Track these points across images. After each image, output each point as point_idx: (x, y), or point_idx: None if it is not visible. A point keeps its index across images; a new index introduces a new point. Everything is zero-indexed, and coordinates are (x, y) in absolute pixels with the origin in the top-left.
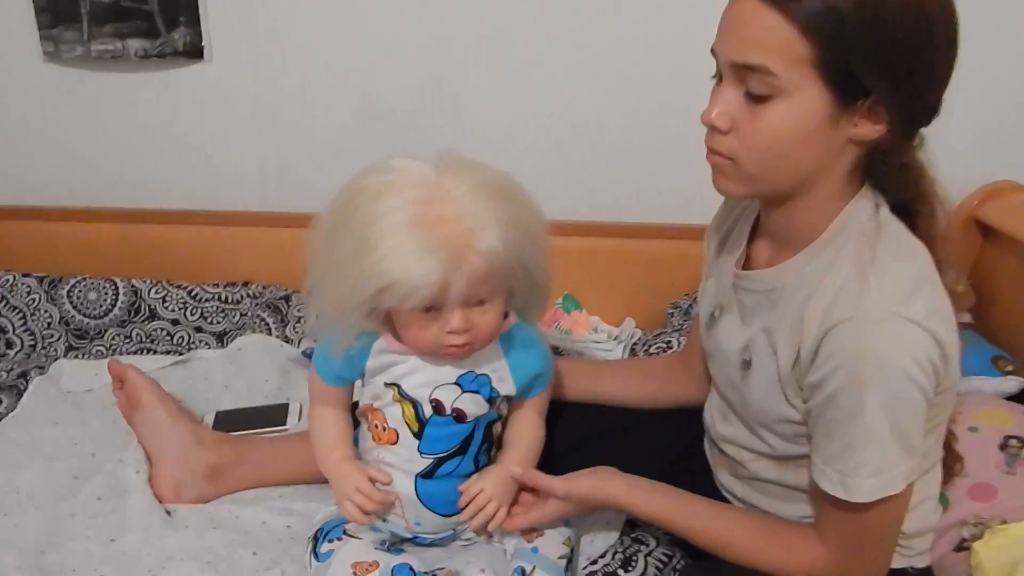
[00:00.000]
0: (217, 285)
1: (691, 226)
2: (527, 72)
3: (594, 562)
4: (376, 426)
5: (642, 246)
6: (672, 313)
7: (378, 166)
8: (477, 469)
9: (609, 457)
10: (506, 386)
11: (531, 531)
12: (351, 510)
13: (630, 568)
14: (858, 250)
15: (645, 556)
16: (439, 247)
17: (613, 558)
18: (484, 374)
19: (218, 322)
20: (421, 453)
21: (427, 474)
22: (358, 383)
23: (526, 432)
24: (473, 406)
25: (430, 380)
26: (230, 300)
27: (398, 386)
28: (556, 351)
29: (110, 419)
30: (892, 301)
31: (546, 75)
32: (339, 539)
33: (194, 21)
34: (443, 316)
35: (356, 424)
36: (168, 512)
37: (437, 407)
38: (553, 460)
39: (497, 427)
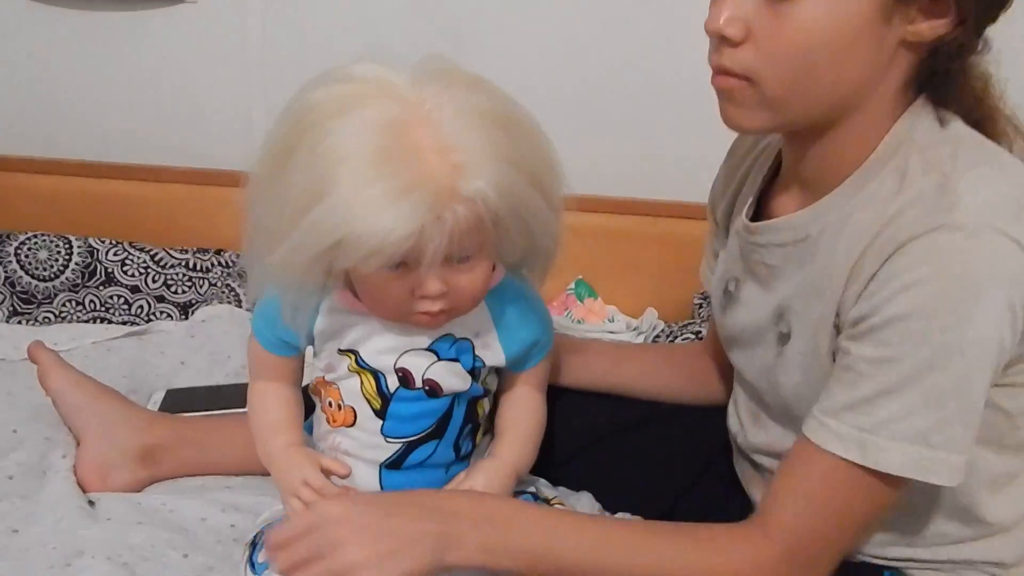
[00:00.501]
0: (185, 251)
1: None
2: (547, 15)
3: None
4: (330, 404)
5: (670, 227)
6: (700, 304)
7: (335, 73)
8: (458, 458)
9: (621, 463)
10: (493, 355)
11: None
12: (298, 509)
13: None
14: (930, 160)
15: None
16: (413, 189)
17: None
18: (465, 339)
19: (183, 291)
20: (386, 436)
21: (394, 463)
22: (309, 353)
23: (522, 414)
24: (450, 377)
25: (396, 345)
26: (199, 268)
27: (355, 353)
28: None
29: (44, 394)
30: (992, 213)
31: (568, 18)
32: None
33: None
34: (414, 276)
35: (312, 409)
36: (91, 502)
37: (404, 378)
38: (551, 463)
39: (484, 405)
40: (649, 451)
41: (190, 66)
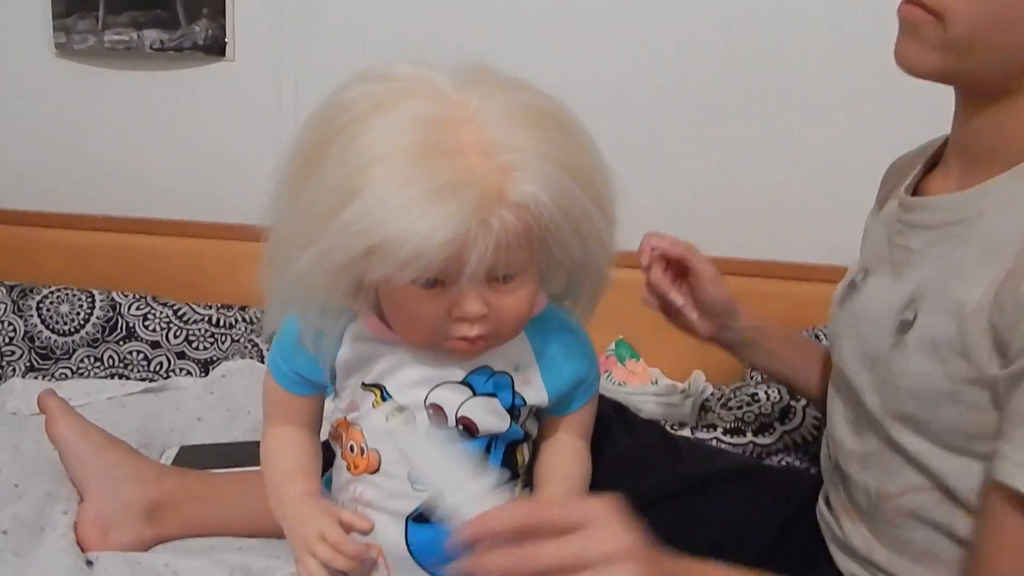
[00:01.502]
0: (209, 307)
1: (775, 263)
2: (572, 42)
3: None
4: (352, 449)
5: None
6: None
7: (371, 72)
8: None
9: (678, 531)
10: (535, 393)
11: None
12: (312, 568)
13: None
14: None
15: None
16: (456, 190)
17: None
18: (504, 373)
19: (205, 348)
20: (414, 484)
21: (423, 516)
22: (329, 401)
23: (565, 462)
24: (487, 416)
25: (427, 377)
26: (222, 323)
27: (382, 388)
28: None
29: (50, 449)
30: None
31: (598, 43)
32: None
33: (218, 14)
34: (451, 294)
35: (331, 463)
36: (89, 562)
37: (437, 414)
38: None
39: (523, 452)
40: (712, 516)
41: (223, 122)
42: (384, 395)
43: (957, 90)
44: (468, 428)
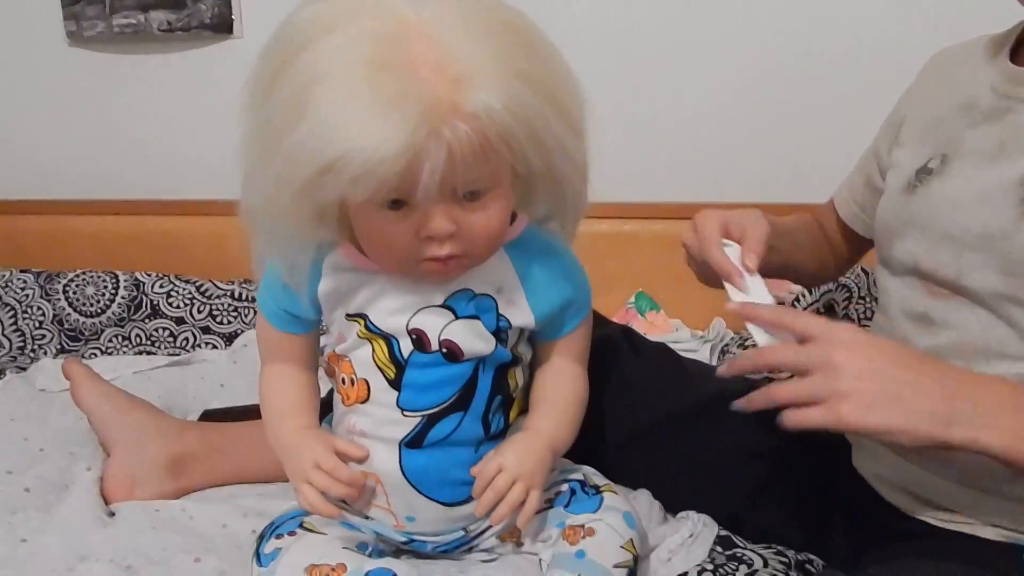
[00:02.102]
0: (231, 282)
1: (794, 205)
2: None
3: None
4: (343, 381)
5: None
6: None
7: None
8: (488, 436)
9: (685, 455)
10: (520, 315)
11: (577, 529)
12: (310, 496)
13: None
14: None
15: None
16: (406, 101)
17: None
18: (486, 295)
19: (229, 322)
20: (403, 410)
21: (414, 441)
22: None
23: (558, 384)
24: (471, 338)
25: (407, 303)
26: (245, 298)
27: (364, 317)
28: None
29: (77, 418)
30: None
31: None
32: (291, 534)
33: None
34: (419, 214)
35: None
36: (112, 513)
37: (419, 340)
38: (603, 453)
39: (516, 376)
40: (720, 438)
41: (236, 99)
42: (368, 324)
43: None
44: (452, 352)
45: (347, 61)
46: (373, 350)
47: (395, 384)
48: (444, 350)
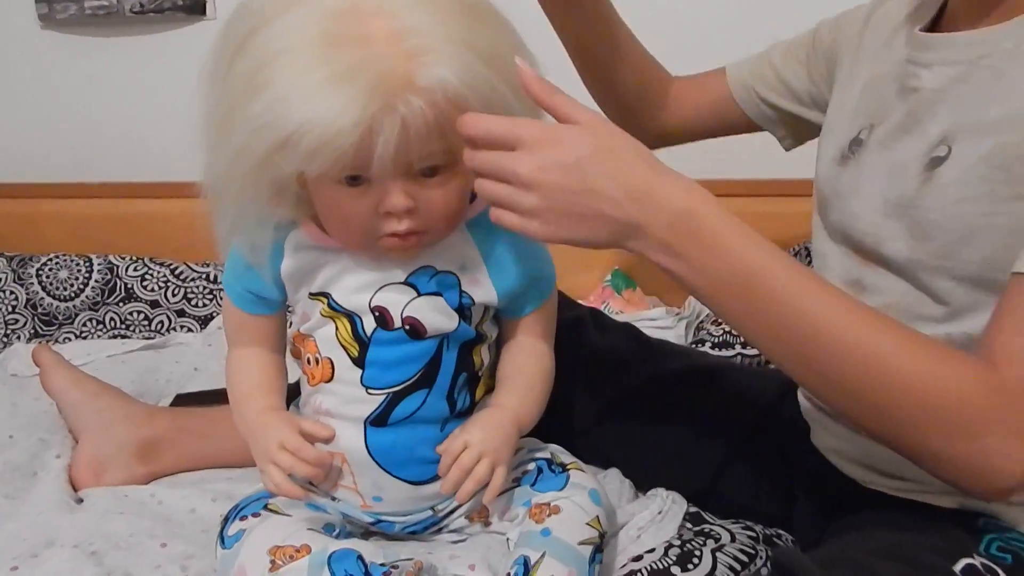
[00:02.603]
0: (207, 264)
1: (766, 180)
2: None
3: (638, 558)
4: (309, 360)
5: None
6: None
7: None
8: (453, 412)
9: (652, 431)
10: (483, 291)
11: (543, 507)
12: (276, 476)
13: (690, 566)
14: None
15: (713, 552)
16: (360, 74)
17: (666, 553)
18: (449, 272)
19: (204, 304)
20: (367, 388)
21: (379, 419)
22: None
23: (523, 361)
24: (433, 315)
25: (370, 281)
26: (219, 280)
27: (327, 295)
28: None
29: (48, 404)
30: None
31: None
32: (256, 516)
33: None
34: (377, 190)
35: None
36: (81, 500)
37: (382, 317)
38: (570, 433)
39: (481, 354)
40: (685, 414)
41: None
42: (331, 303)
43: None
44: (415, 328)
45: (303, 37)
46: (337, 328)
47: (359, 362)
48: (407, 327)
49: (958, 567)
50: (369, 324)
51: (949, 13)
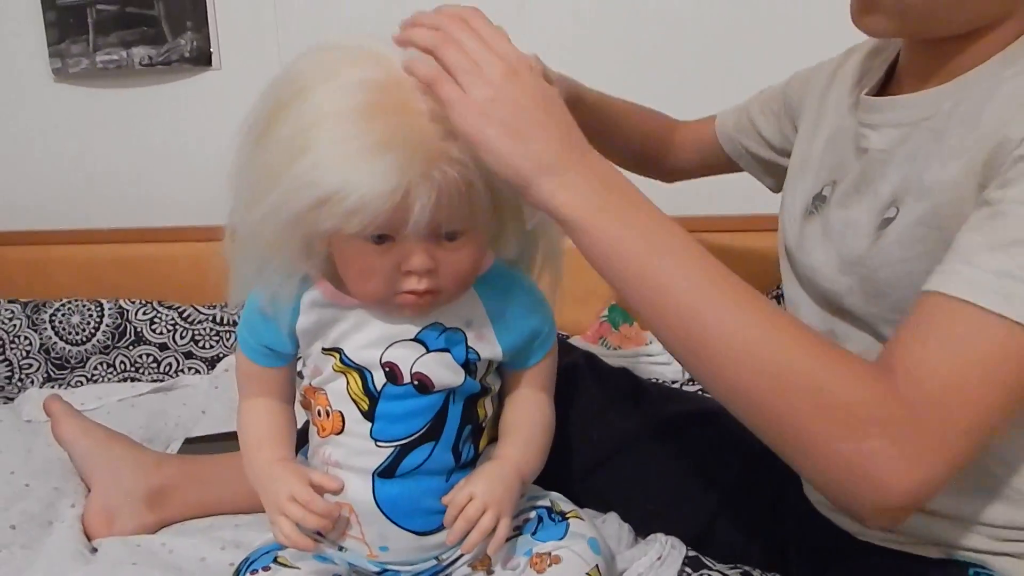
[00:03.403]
0: (213, 306)
1: (759, 216)
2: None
3: None
4: (319, 413)
5: (708, 241)
6: None
7: (322, 44)
8: (459, 464)
9: (650, 475)
10: (488, 347)
11: (544, 557)
12: (285, 528)
13: None
14: None
15: None
16: (399, 144)
17: None
18: (456, 329)
19: (211, 346)
20: (376, 440)
21: (387, 470)
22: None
23: (525, 414)
24: (441, 370)
25: (381, 337)
26: (226, 322)
27: (340, 351)
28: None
29: (61, 450)
30: None
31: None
32: (265, 569)
33: (202, 25)
34: (400, 249)
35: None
36: (94, 549)
37: (392, 372)
38: (569, 479)
39: (485, 406)
40: (681, 458)
41: (216, 128)
42: (343, 358)
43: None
44: (423, 383)
45: (347, 105)
46: (348, 383)
47: (368, 415)
48: (416, 382)
49: None
50: (379, 379)
51: (897, 76)
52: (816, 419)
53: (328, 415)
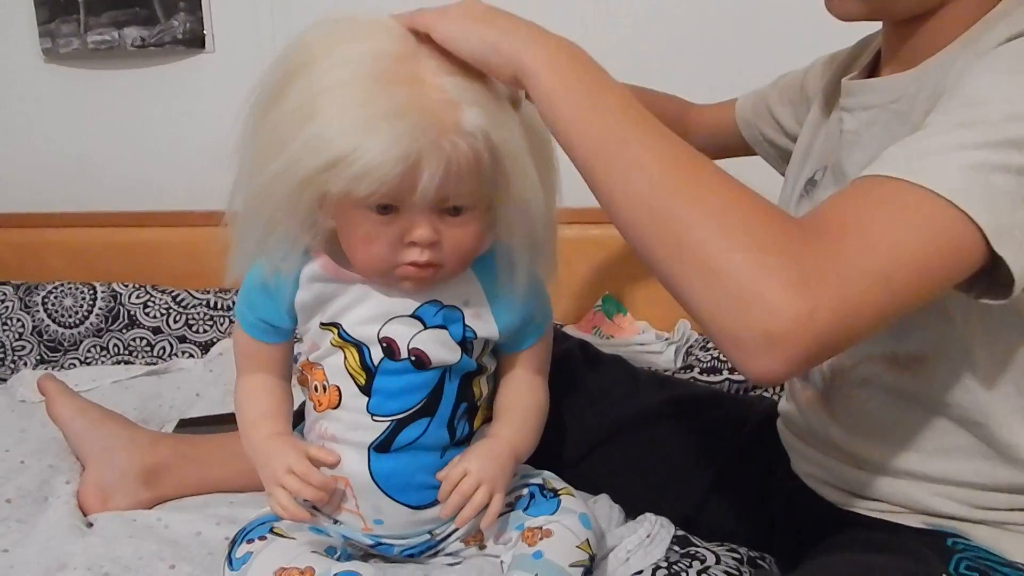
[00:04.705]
0: (207, 291)
1: None
2: None
3: None
4: (316, 388)
5: None
6: None
7: (335, 15)
8: (453, 440)
9: (641, 458)
10: (485, 327)
11: (535, 531)
12: (282, 499)
13: None
14: None
15: (699, 573)
16: (412, 113)
17: (654, 575)
18: (454, 307)
19: (205, 331)
20: (372, 415)
21: (383, 445)
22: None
23: (519, 394)
24: (438, 347)
25: (379, 312)
26: (220, 307)
27: (338, 326)
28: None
29: (55, 429)
30: None
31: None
32: (262, 539)
33: (195, 7)
34: (404, 221)
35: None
36: (90, 524)
37: (389, 348)
38: (563, 463)
39: (480, 385)
40: (672, 443)
41: (209, 111)
42: (341, 333)
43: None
44: (420, 359)
45: (359, 72)
46: (345, 357)
47: (365, 390)
48: (413, 358)
49: None
50: (376, 354)
51: (881, 61)
52: (719, 233)
53: (325, 389)
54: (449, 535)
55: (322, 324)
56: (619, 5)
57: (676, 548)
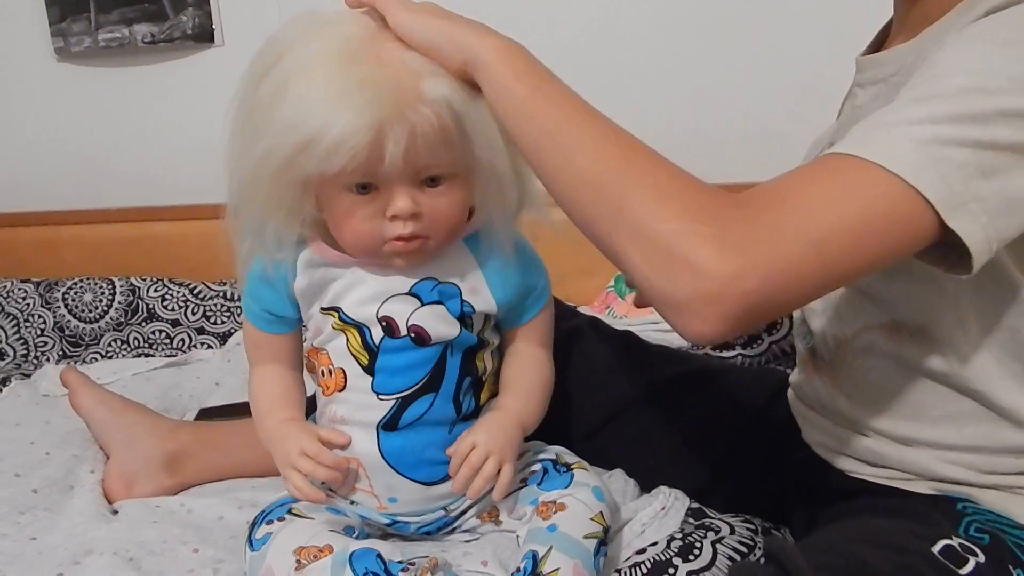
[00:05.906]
0: (223, 282)
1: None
2: None
3: (642, 551)
4: (322, 372)
5: None
6: None
7: (304, 13)
8: (460, 415)
9: (653, 433)
10: (483, 300)
11: (549, 505)
12: (297, 481)
13: (691, 557)
14: None
15: (713, 543)
16: (373, 85)
17: (668, 546)
18: (450, 283)
19: (222, 322)
20: (377, 394)
21: (390, 423)
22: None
23: (524, 367)
24: (436, 323)
25: (376, 292)
26: (237, 298)
27: (338, 309)
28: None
29: (78, 421)
30: None
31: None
32: (281, 520)
33: (203, 2)
34: (384, 196)
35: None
36: (115, 511)
37: (389, 326)
38: (574, 438)
39: (484, 359)
40: (685, 416)
41: (220, 105)
42: (341, 316)
43: None
44: (420, 336)
45: (323, 57)
46: (347, 339)
47: (369, 370)
48: (412, 335)
49: (936, 548)
50: (377, 334)
51: (890, 35)
52: (654, 204)
53: (331, 373)
54: (464, 511)
55: (323, 309)
56: (619, 6)
57: (691, 520)
